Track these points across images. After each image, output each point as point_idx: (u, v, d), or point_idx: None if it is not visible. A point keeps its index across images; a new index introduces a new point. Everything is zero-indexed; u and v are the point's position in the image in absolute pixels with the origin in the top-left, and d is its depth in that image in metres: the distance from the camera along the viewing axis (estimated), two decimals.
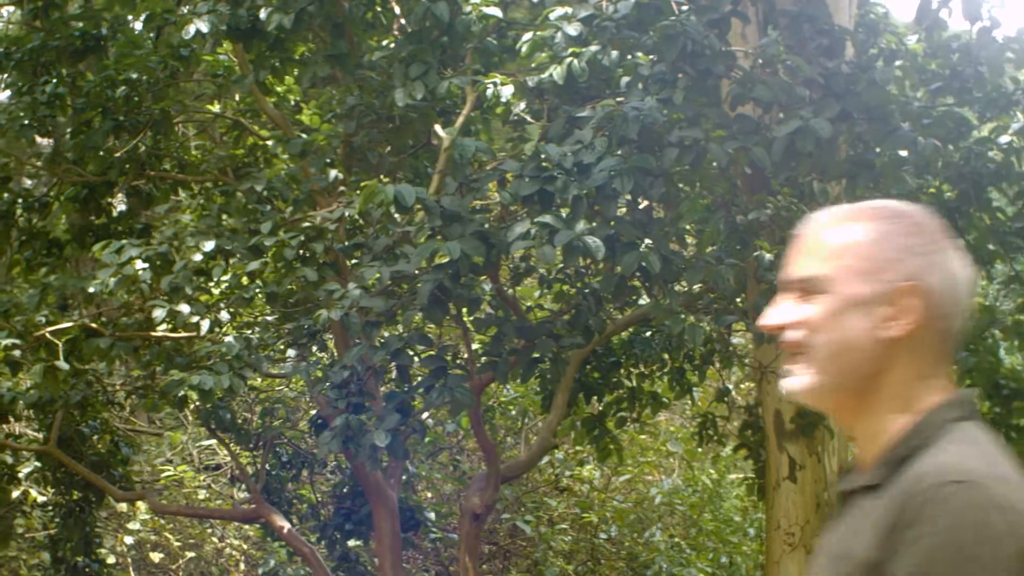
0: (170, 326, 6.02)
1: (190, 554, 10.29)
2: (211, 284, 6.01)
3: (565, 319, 5.91)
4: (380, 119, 6.03)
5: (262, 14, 5.92)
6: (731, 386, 8.91)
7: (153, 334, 6.65)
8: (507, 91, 5.90)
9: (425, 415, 7.11)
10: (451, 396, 5.36)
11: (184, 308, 5.85)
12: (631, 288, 6.01)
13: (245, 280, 5.81)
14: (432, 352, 5.62)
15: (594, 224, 5.25)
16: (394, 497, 7.11)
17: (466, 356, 5.93)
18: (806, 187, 5.95)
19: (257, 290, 5.80)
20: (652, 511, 11.14)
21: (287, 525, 7.44)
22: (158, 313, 5.81)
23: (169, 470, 10.18)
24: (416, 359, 5.65)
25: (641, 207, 5.61)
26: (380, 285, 5.49)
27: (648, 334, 7.69)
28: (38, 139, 8.55)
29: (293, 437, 9.27)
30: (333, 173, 6.45)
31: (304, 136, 6.55)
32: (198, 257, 5.91)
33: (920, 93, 7.17)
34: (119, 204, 8.46)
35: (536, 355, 5.71)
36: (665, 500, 10.99)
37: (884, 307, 1.64)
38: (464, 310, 5.88)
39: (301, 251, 5.63)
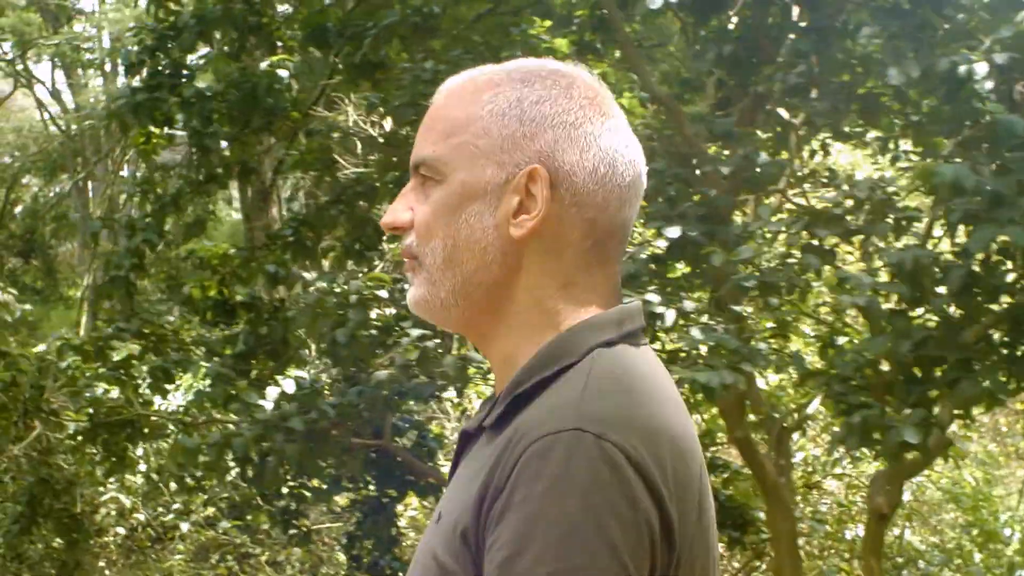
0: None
1: None
2: (672, 274, 5.67)
3: None
4: (849, 97, 5.69)
5: None
6: None
7: None
8: (981, 68, 5.56)
9: None
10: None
11: (653, 297, 5.50)
12: None
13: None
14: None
15: None
16: (788, 498, 6.77)
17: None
18: None
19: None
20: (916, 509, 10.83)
21: None
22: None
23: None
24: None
25: None
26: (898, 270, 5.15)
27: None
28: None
29: None
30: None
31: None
32: (661, 243, 5.57)
33: None
34: None
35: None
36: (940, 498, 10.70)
37: (511, 196, 1.26)
38: None
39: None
